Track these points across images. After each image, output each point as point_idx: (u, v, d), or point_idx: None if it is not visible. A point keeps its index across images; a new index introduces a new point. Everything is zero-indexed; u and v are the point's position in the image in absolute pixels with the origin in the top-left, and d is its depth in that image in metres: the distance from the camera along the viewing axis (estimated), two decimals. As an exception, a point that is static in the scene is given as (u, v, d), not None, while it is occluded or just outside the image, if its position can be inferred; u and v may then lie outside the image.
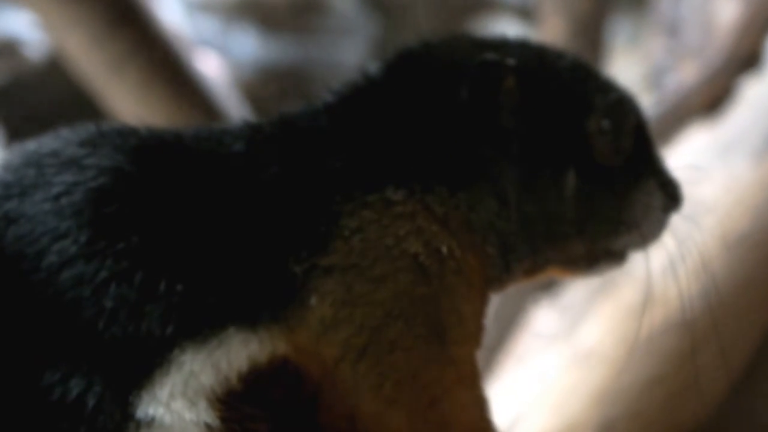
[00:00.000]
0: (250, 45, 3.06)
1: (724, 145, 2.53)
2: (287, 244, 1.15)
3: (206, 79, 2.41)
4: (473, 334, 1.20)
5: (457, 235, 1.21)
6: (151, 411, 1.06)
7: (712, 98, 2.66)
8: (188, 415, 1.07)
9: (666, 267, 2.48)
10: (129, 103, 2.29)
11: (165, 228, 1.13)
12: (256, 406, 1.10)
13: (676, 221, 2.51)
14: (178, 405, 1.07)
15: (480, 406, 1.19)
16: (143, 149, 1.19)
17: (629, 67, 3.15)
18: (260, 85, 2.98)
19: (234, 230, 1.15)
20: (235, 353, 1.10)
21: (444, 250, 1.18)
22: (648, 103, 2.91)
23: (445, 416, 1.16)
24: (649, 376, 2.40)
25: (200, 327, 1.10)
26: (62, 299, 1.08)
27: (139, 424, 1.06)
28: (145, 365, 1.08)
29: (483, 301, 1.24)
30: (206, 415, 1.07)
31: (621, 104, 1.34)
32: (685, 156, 2.59)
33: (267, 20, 3.06)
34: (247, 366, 1.10)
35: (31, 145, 1.19)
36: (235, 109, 2.48)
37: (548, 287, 2.53)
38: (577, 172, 1.30)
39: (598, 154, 1.31)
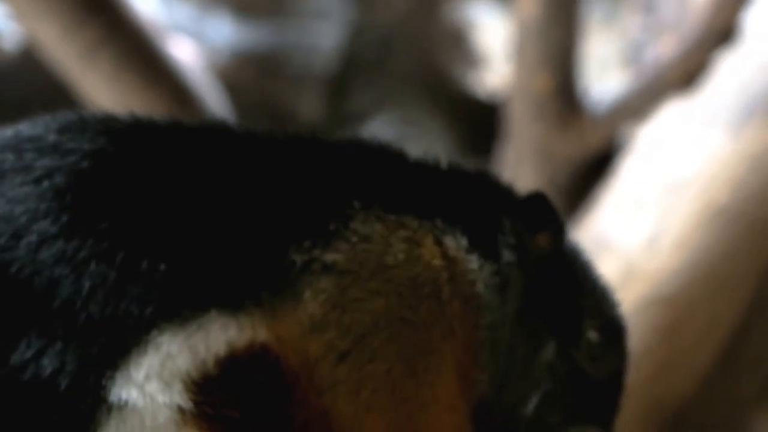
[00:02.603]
0: (225, 30, 3.06)
1: (702, 118, 2.54)
2: (292, 231, 1.15)
3: (181, 66, 2.40)
4: (451, 370, 1.19)
5: (458, 285, 1.21)
6: (124, 394, 1.06)
7: (689, 73, 2.66)
8: (161, 398, 1.06)
9: (647, 240, 2.51)
10: (103, 90, 2.27)
11: (151, 209, 1.12)
12: (231, 391, 1.09)
13: (658, 195, 2.53)
14: (153, 387, 1.06)
15: (459, 421, 1.19)
16: (129, 133, 1.18)
17: (606, 43, 3.15)
18: (236, 70, 2.99)
19: (230, 215, 1.14)
20: (214, 337, 1.09)
21: (440, 288, 1.19)
22: (625, 79, 2.92)
23: (421, 428, 1.16)
24: (634, 351, 2.42)
25: (181, 309, 1.09)
26: (40, 277, 1.07)
27: (111, 408, 1.05)
28: (122, 345, 1.07)
29: (468, 361, 1.22)
30: (180, 397, 1.06)
31: (619, 338, 1.33)
32: (663, 130, 2.60)
33: (242, 5, 3.06)
34: (225, 351, 1.09)
35: (9, 132, 1.18)
36: (211, 95, 2.47)
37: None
38: (557, 351, 1.28)
39: (584, 360, 1.29)
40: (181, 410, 1.06)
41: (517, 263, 1.26)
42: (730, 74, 2.55)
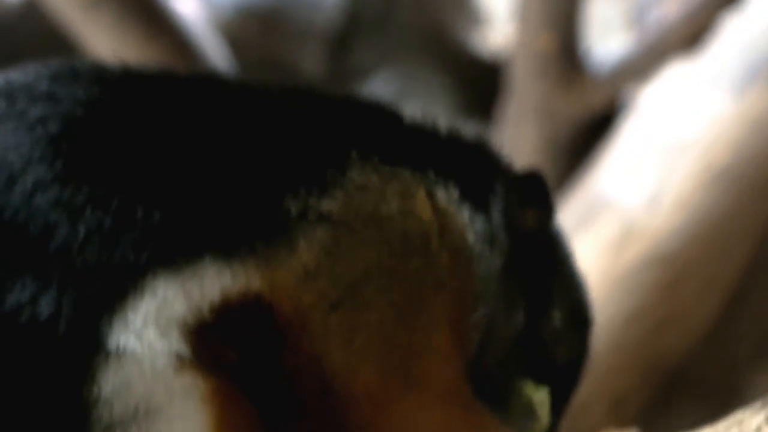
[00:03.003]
0: (228, -14, 3.06)
1: (705, 81, 2.55)
2: (288, 180, 1.15)
3: (184, 20, 2.40)
4: (442, 318, 1.19)
5: (447, 237, 1.21)
6: (122, 341, 1.06)
7: (693, 34, 2.67)
8: (159, 345, 1.07)
9: (647, 201, 2.53)
10: (105, 42, 2.27)
11: (145, 157, 1.12)
12: (227, 339, 1.10)
13: (659, 156, 2.55)
14: (150, 334, 1.07)
15: (456, 374, 1.20)
16: (121, 82, 1.18)
17: (609, 4, 3.15)
18: (239, 26, 2.99)
19: (225, 163, 1.14)
20: (209, 284, 1.09)
21: (429, 240, 1.19)
22: (628, 40, 2.92)
23: (415, 376, 1.17)
24: (632, 310, 2.43)
25: (176, 255, 1.09)
26: (35, 222, 1.07)
27: (109, 354, 1.06)
28: (118, 290, 1.07)
29: (460, 310, 1.23)
30: (178, 345, 1.07)
31: (583, 330, 1.33)
32: (665, 92, 2.61)
33: (245, -39, 3.06)
34: (220, 298, 1.09)
35: (0, 80, 1.17)
36: (214, 50, 2.47)
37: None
38: (526, 320, 1.28)
39: (547, 337, 1.29)
40: (178, 357, 1.07)
41: (504, 225, 1.27)
42: (734, 37, 2.56)
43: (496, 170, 1.30)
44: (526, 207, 1.29)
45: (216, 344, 1.09)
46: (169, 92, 1.19)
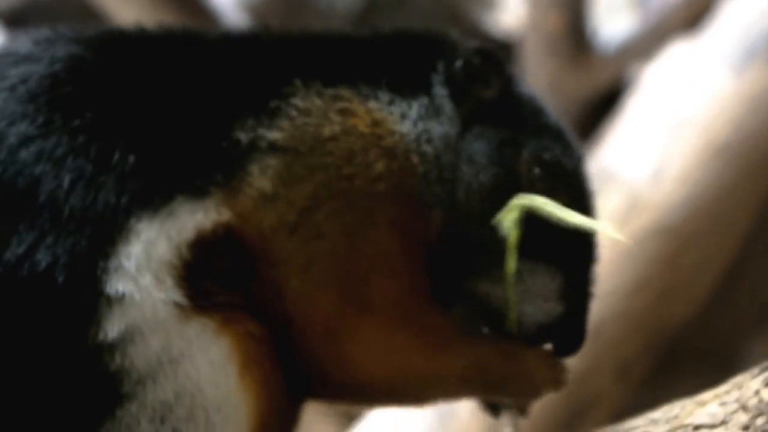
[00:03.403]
0: (252, -31, 3.09)
1: (706, 59, 2.59)
2: (235, 111, 1.19)
3: (212, 1, 2.46)
4: (387, 237, 1.21)
5: (382, 143, 1.23)
6: (120, 287, 1.11)
7: (694, 15, 2.71)
8: (156, 294, 1.11)
9: (651, 175, 2.52)
10: (132, 12, 2.31)
11: (118, 105, 1.17)
12: (216, 281, 1.15)
13: (662, 132, 2.54)
14: (146, 281, 1.11)
15: (408, 292, 1.21)
16: (97, 40, 1.23)
17: (617, -14, 3.18)
18: (264, 8, 3.01)
19: (185, 103, 1.19)
20: (183, 222, 1.14)
21: (368, 153, 1.22)
22: (633, 20, 2.96)
23: (368, 301, 1.19)
24: (636, 279, 2.44)
25: (152, 196, 1.14)
26: (23, 176, 1.12)
27: (110, 299, 1.10)
28: (107, 234, 1.12)
29: (406, 209, 1.24)
30: (174, 293, 1.12)
31: (564, 175, 1.29)
32: (668, 70, 2.65)
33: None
34: (194, 234, 1.14)
35: None
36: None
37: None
38: (496, 177, 1.27)
39: (524, 184, 1.27)
40: (179, 306, 1.12)
41: (450, 95, 1.29)
42: (734, 17, 2.59)
43: (440, 55, 1.32)
44: (484, 76, 1.31)
45: (206, 288, 1.14)
46: (140, 47, 1.24)
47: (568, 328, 1.25)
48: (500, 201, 1.23)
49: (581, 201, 1.28)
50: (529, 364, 1.23)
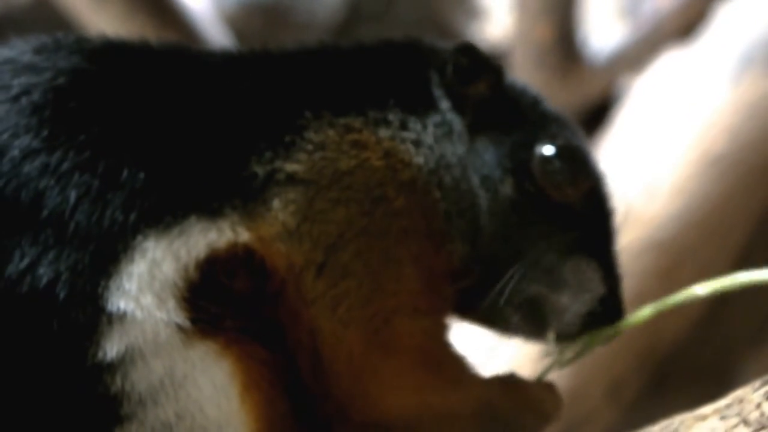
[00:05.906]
0: (231, -20, 3.08)
1: (700, 68, 2.57)
2: (252, 144, 1.18)
3: (190, 11, 2.43)
4: (411, 274, 1.20)
5: (398, 174, 1.23)
6: (122, 305, 1.09)
7: (687, 23, 2.69)
8: (158, 314, 1.09)
9: (644, 187, 2.52)
10: (113, 34, 2.29)
11: (128, 121, 1.15)
12: (221, 303, 1.13)
13: (655, 143, 2.53)
14: (148, 301, 1.09)
15: (429, 333, 1.21)
16: (101, 52, 1.21)
17: (606, -5, 3.17)
18: (243, 18, 3.00)
19: (198, 126, 1.17)
20: (195, 241, 1.12)
21: (385, 188, 1.21)
22: (624, 29, 2.94)
23: (392, 341, 1.18)
24: (629, 295, 2.40)
25: (162, 215, 1.12)
26: (27, 190, 1.10)
27: (111, 317, 1.08)
28: (111, 252, 1.10)
29: (429, 244, 1.23)
30: (176, 315, 1.10)
31: (575, 157, 1.31)
32: (661, 80, 2.63)
33: (248, -45, 3.07)
34: (206, 253, 1.12)
35: None
36: (219, 42, 2.50)
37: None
38: (515, 185, 1.27)
39: (542, 180, 1.28)
40: (181, 329, 1.10)
41: (452, 106, 1.28)
42: (728, 24, 2.58)
43: (427, 64, 1.31)
44: (475, 74, 1.30)
45: (212, 311, 1.12)
46: (147, 61, 1.22)
47: (610, 305, 1.30)
48: (522, 211, 1.25)
49: (601, 181, 1.32)
50: (536, 393, 1.24)
